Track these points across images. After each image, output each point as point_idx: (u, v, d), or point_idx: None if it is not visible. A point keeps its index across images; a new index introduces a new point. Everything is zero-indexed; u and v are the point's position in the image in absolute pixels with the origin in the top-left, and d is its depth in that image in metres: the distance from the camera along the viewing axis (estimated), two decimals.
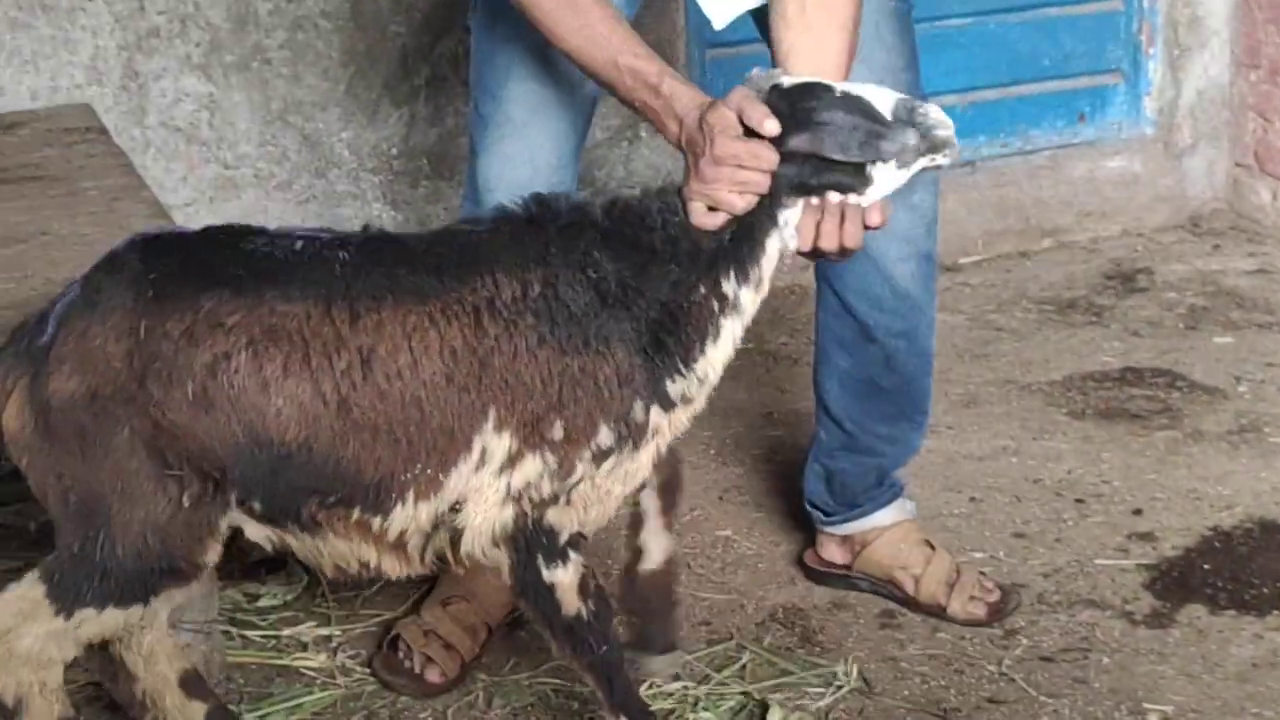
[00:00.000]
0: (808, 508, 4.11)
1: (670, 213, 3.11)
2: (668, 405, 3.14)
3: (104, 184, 4.20)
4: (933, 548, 4.02)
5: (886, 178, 3.08)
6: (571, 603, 3.19)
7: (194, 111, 5.17)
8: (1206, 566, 4.11)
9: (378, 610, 4.01)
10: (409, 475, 3.05)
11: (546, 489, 3.10)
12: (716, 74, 5.65)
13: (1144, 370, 5.16)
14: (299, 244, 3.05)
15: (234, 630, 3.92)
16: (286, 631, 3.95)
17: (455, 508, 3.10)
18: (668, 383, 3.12)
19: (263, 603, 4.06)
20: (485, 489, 3.08)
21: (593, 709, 3.48)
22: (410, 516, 3.09)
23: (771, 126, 3.03)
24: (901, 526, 4.05)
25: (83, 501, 3.02)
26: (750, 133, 3.05)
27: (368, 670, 3.82)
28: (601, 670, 3.26)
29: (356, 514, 3.08)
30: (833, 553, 4.09)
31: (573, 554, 3.18)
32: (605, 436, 3.10)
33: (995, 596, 3.96)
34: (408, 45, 5.32)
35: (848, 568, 4.07)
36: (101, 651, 3.31)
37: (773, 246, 3.12)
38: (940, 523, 4.32)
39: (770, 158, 3.05)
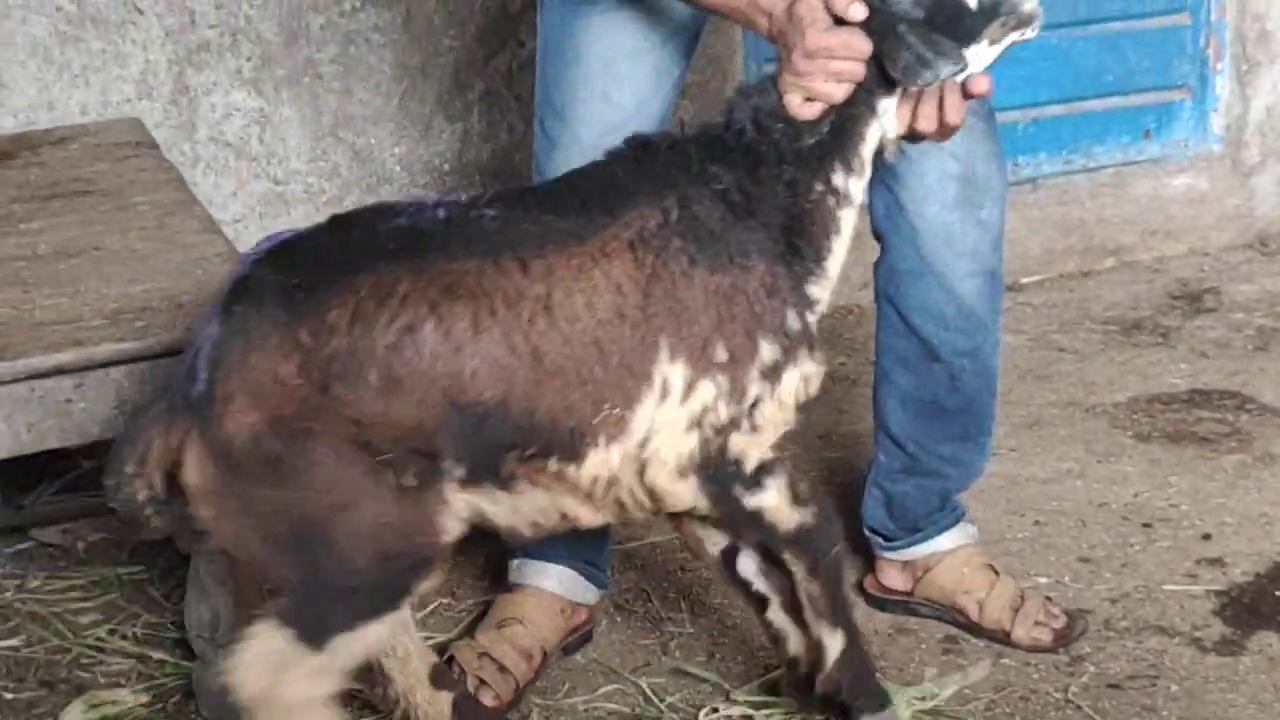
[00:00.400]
0: (866, 533, 4.01)
1: (770, 117, 3.09)
2: (811, 308, 3.16)
3: (155, 199, 4.17)
4: (996, 573, 3.93)
5: (980, 57, 3.12)
6: (787, 518, 3.21)
7: (244, 126, 5.12)
8: (1278, 593, 4.01)
9: (430, 633, 3.92)
10: (600, 417, 3.01)
11: (724, 413, 3.08)
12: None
13: (1212, 392, 5.05)
14: (441, 211, 3.01)
15: None
16: None
17: (642, 444, 3.06)
18: (807, 285, 3.15)
19: None
20: (669, 421, 3.05)
21: None
22: (604, 460, 3.04)
23: (857, 11, 3.04)
24: (964, 551, 3.95)
25: (297, 530, 2.92)
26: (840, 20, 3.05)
27: None
28: (826, 576, 3.28)
29: (554, 464, 3.02)
30: (893, 579, 4.00)
31: (769, 479, 3.18)
32: (768, 351, 3.09)
33: (1061, 622, 3.87)
34: (461, 60, 5.27)
35: (909, 593, 3.98)
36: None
37: (873, 134, 3.15)
38: (1004, 547, 4.23)
39: (863, 46, 3.05)
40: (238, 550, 3.03)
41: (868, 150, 3.16)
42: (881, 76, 3.09)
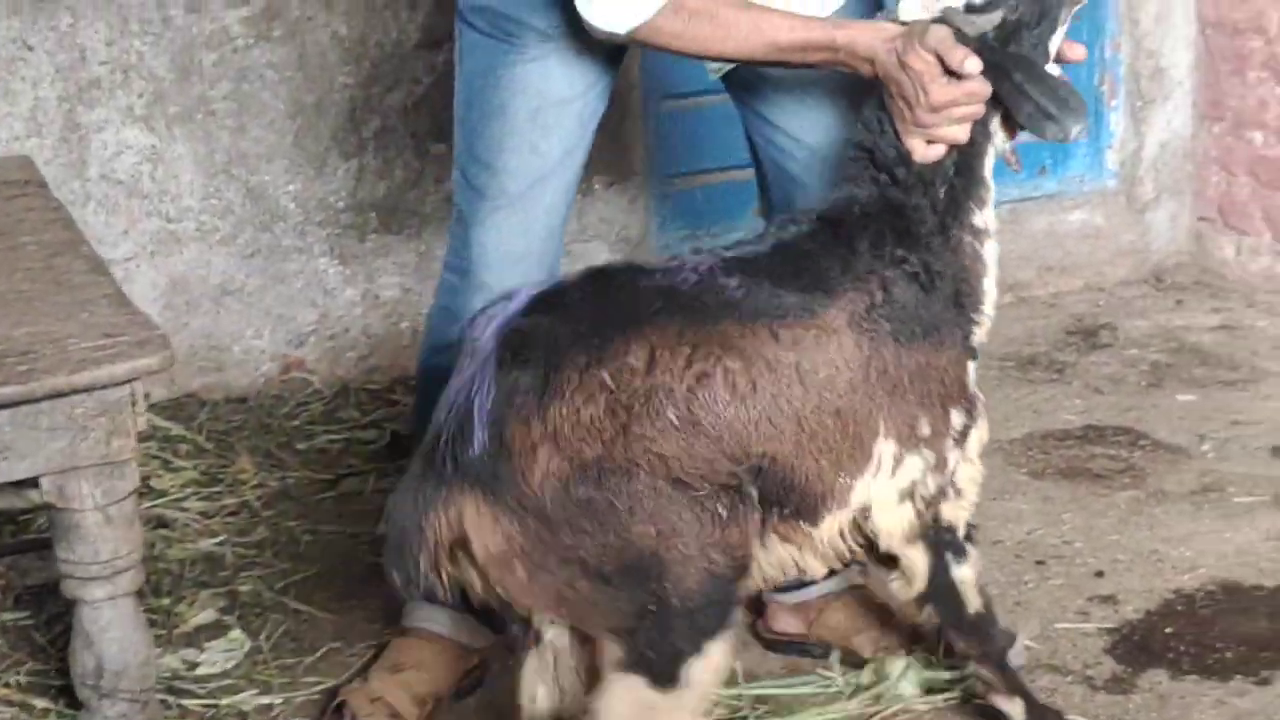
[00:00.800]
0: None
1: (918, 181, 3.20)
2: (975, 357, 3.28)
3: (42, 239, 4.09)
4: (890, 611, 3.91)
5: (1056, 43, 3.28)
6: (974, 599, 3.36)
7: (136, 164, 5.09)
8: (1169, 630, 4.01)
9: (320, 678, 3.90)
10: (836, 484, 3.12)
11: (932, 485, 3.21)
12: (671, 125, 5.59)
13: (1106, 428, 5.08)
14: (692, 275, 3.05)
15: (171, 699, 3.80)
16: (226, 701, 3.82)
17: (863, 515, 3.19)
18: (973, 337, 3.26)
19: (201, 670, 3.94)
20: (882, 495, 3.18)
21: None
22: (833, 523, 3.16)
23: (973, 66, 3.10)
24: (856, 591, 3.95)
25: (627, 569, 2.92)
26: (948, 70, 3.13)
27: None
28: (997, 659, 3.44)
29: (803, 524, 3.13)
30: (785, 623, 3.98)
31: (971, 549, 3.33)
32: (957, 420, 3.23)
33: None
34: (356, 97, 5.25)
35: (804, 636, 3.96)
36: None
37: (990, 159, 3.26)
38: None
39: (984, 92, 3.14)
40: (559, 607, 3.00)
41: (989, 175, 3.27)
42: (990, 101, 3.19)
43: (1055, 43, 3.27)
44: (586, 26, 3.35)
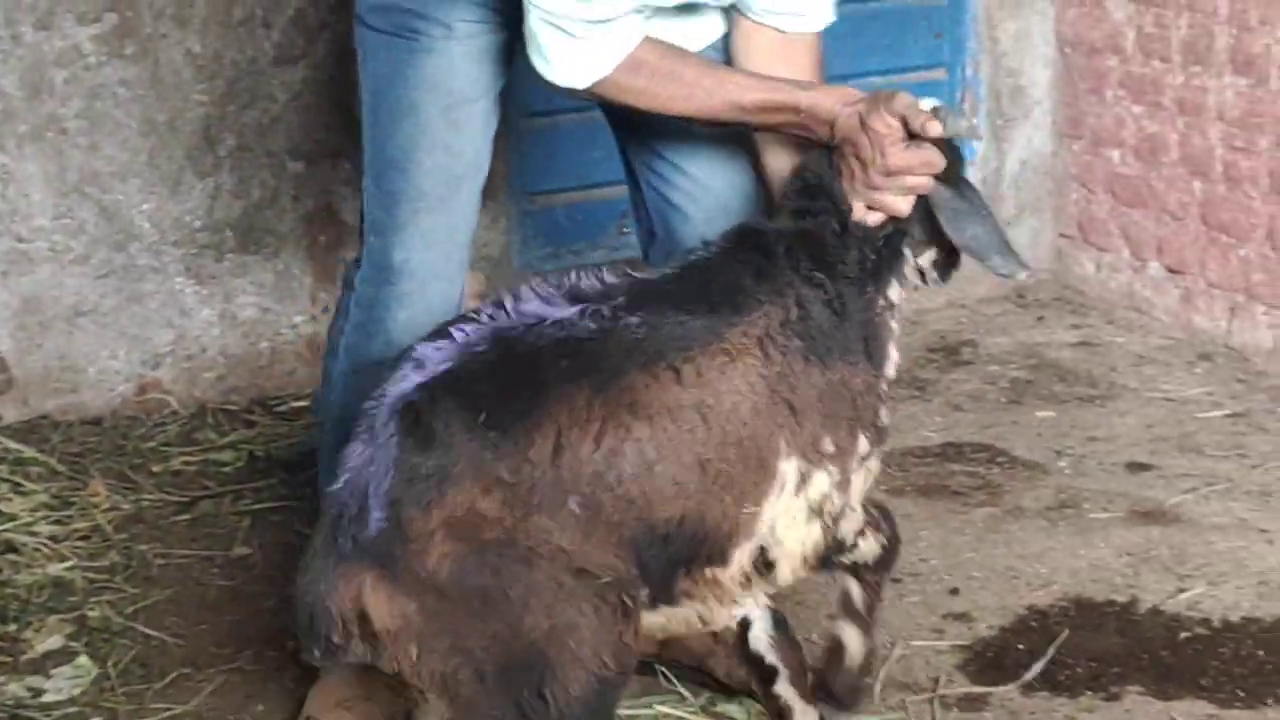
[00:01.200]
0: None
1: (851, 235, 3.23)
2: (888, 405, 3.28)
3: None
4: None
5: None
6: (871, 549, 3.33)
7: None
8: (1021, 646, 4.02)
9: (169, 704, 3.85)
10: (740, 517, 3.07)
11: (837, 501, 3.18)
12: (532, 142, 5.57)
13: (965, 445, 5.10)
14: (589, 322, 2.98)
15: None
16: None
17: (771, 540, 3.14)
18: (880, 385, 3.26)
19: (47, 698, 3.88)
20: (790, 511, 3.13)
21: None
22: (741, 559, 3.11)
23: (935, 130, 3.14)
24: None
25: (510, 661, 2.87)
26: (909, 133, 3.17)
27: None
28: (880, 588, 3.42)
29: (709, 570, 3.08)
30: (678, 650, 3.93)
31: (861, 540, 3.31)
32: (862, 445, 3.20)
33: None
34: (211, 115, 5.19)
35: (655, 656, 3.94)
36: None
37: (910, 252, 3.30)
38: None
39: (939, 162, 3.18)
40: (444, 694, 2.93)
41: (909, 267, 3.30)
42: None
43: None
44: (545, 85, 3.35)
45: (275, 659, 3.94)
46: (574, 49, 3.28)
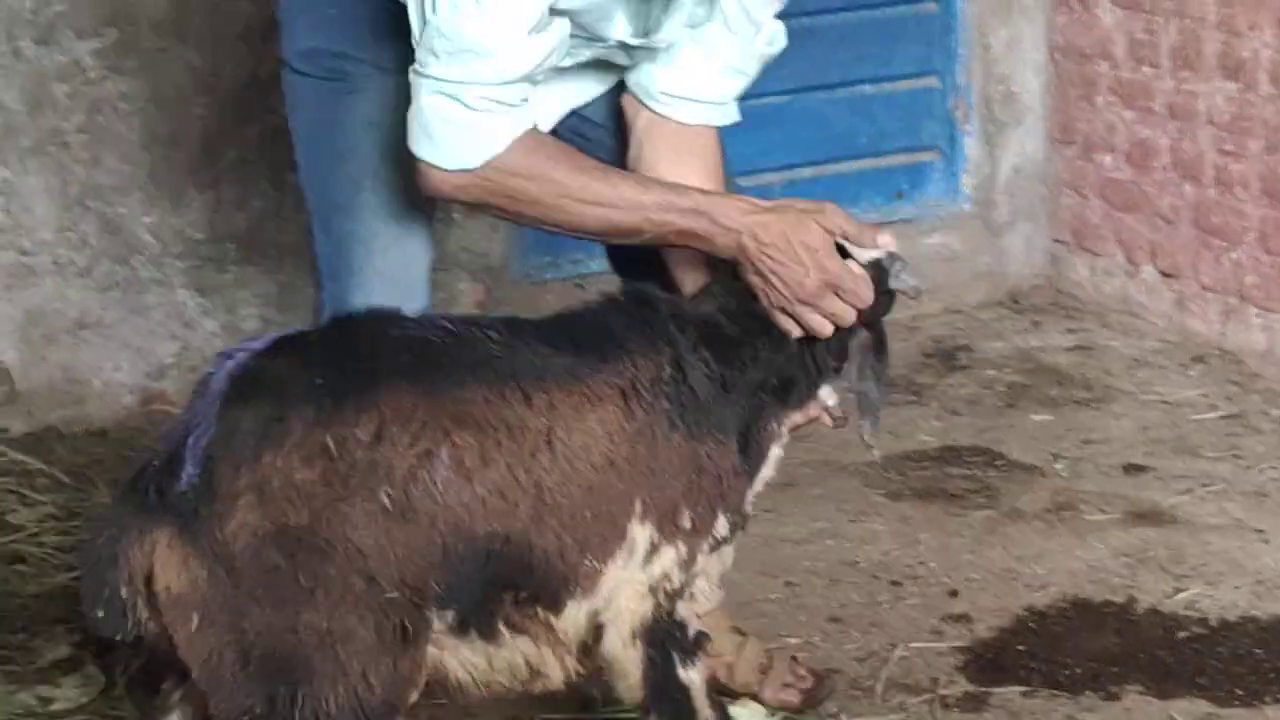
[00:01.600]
0: None
1: (760, 337, 3.16)
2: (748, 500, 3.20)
3: None
4: (743, 634, 3.92)
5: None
6: (704, 707, 3.14)
7: None
8: (1021, 647, 4.06)
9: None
10: (581, 566, 2.94)
11: (677, 580, 3.05)
12: None
13: (962, 449, 5.13)
14: (447, 323, 2.96)
15: None
16: None
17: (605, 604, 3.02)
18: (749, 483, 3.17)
19: (56, 707, 3.90)
20: (632, 581, 3.01)
21: None
22: (577, 612, 2.99)
23: (887, 241, 3.16)
24: (710, 616, 3.94)
25: (277, 652, 2.73)
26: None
27: None
28: None
29: (540, 610, 2.95)
30: None
31: (700, 653, 3.14)
32: (721, 526, 3.10)
33: (809, 683, 3.86)
34: (211, 128, 5.23)
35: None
36: None
37: (825, 390, 3.24)
38: (756, 608, 4.24)
39: (869, 297, 3.14)
40: (204, 670, 2.78)
41: (810, 399, 3.23)
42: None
43: None
44: (423, 186, 3.18)
45: None
46: (467, 125, 3.09)
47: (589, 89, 3.49)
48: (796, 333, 3.15)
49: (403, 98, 3.26)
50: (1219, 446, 5.10)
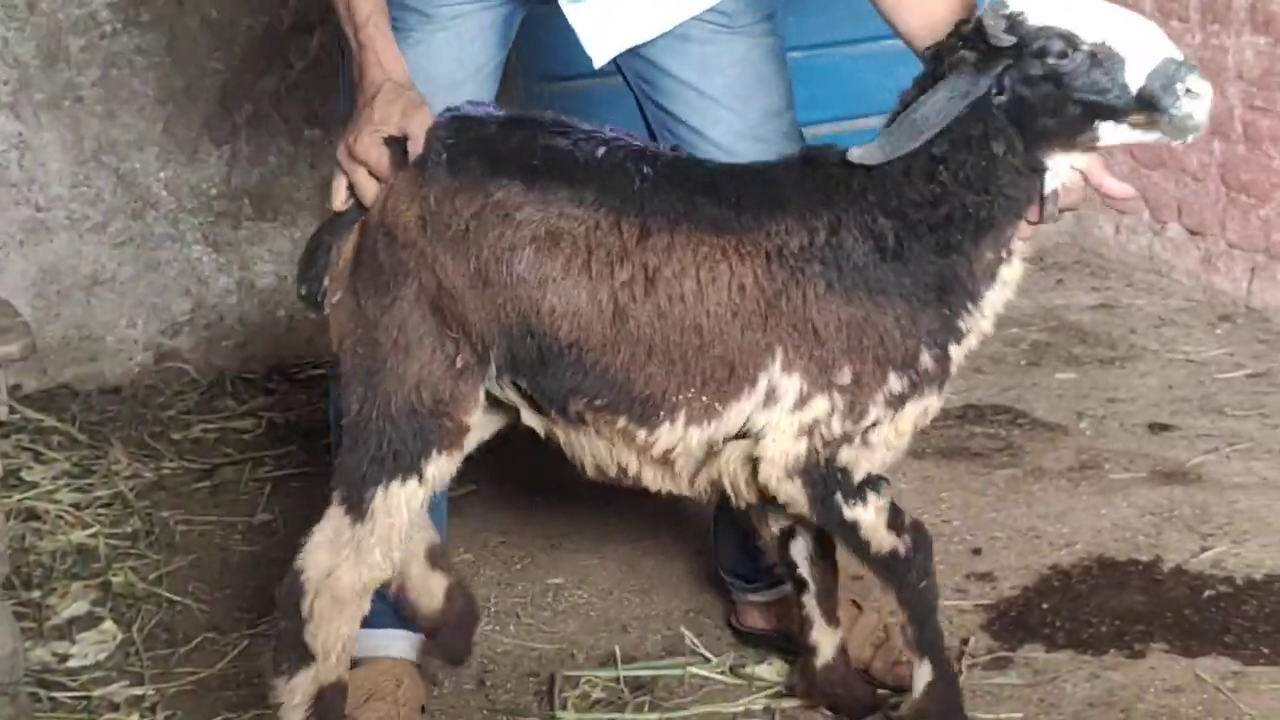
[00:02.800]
0: (725, 576, 3.93)
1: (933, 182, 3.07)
2: (955, 342, 3.16)
3: None
4: (859, 608, 3.83)
5: (1110, 134, 3.04)
6: (882, 539, 3.24)
7: (3, 152, 5.02)
8: (1045, 606, 4.02)
9: (194, 668, 3.86)
10: (680, 397, 3.11)
11: (837, 428, 3.13)
12: (549, 108, 5.53)
13: (985, 408, 5.09)
14: (601, 150, 3.10)
15: (42, 692, 3.75)
16: (98, 692, 3.78)
17: (744, 436, 3.14)
18: (960, 319, 3.14)
19: (73, 663, 3.89)
20: (779, 424, 3.11)
21: None
22: (679, 437, 3.14)
23: (414, 150, 3.11)
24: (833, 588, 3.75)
25: (363, 350, 3.12)
26: None
27: None
28: (915, 606, 3.30)
29: (623, 422, 3.15)
30: (755, 619, 3.91)
31: (872, 494, 3.21)
32: (895, 383, 3.12)
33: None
34: (228, 83, 5.19)
35: (774, 631, 3.88)
36: None
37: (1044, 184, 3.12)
38: None
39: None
40: (340, 350, 3.18)
41: (1043, 204, 3.13)
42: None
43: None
44: None
45: None
46: None
47: None
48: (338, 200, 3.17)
49: (455, 44, 3.44)
50: (1245, 405, 5.05)
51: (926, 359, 3.14)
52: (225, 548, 4.38)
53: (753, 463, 3.18)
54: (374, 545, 3.16)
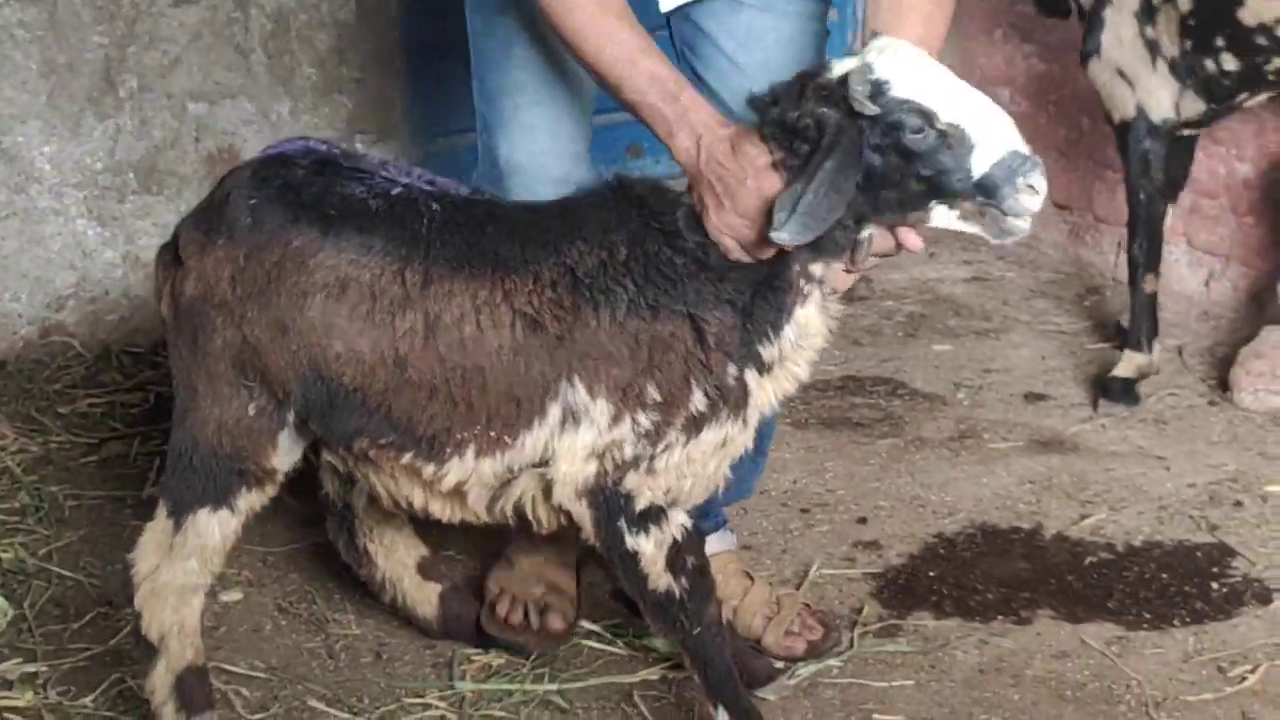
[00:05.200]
0: None
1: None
2: (757, 368, 3.18)
3: None
4: (751, 579, 3.88)
5: (940, 217, 3.07)
6: (658, 576, 3.25)
7: None
8: (932, 574, 4.11)
9: (88, 644, 3.86)
10: (466, 434, 3.18)
11: (629, 451, 3.16)
12: (429, 83, 5.57)
13: (865, 379, 5.18)
14: (397, 190, 3.21)
15: None
16: None
17: (545, 464, 3.19)
18: (759, 345, 3.16)
19: None
20: (573, 446, 3.16)
21: None
22: (470, 470, 3.22)
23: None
24: (721, 558, 3.83)
25: (184, 393, 3.28)
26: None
27: (81, 707, 3.65)
28: (695, 653, 3.31)
29: (408, 458, 3.23)
30: None
31: (654, 527, 3.23)
32: (699, 401, 3.15)
33: (817, 634, 3.82)
34: (111, 56, 5.15)
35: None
36: (349, 542, 3.76)
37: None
38: None
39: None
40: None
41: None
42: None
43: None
44: None
45: None
46: None
47: None
48: (743, 258, 3.11)
49: None
50: None
51: (731, 374, 3.15)
52: (116, 522, 4.36)
53: (547, 486, 3.23)
54: (189, 556, 3.33)
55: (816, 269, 3.16)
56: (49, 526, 4.34)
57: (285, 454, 3.31)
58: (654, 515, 3.23)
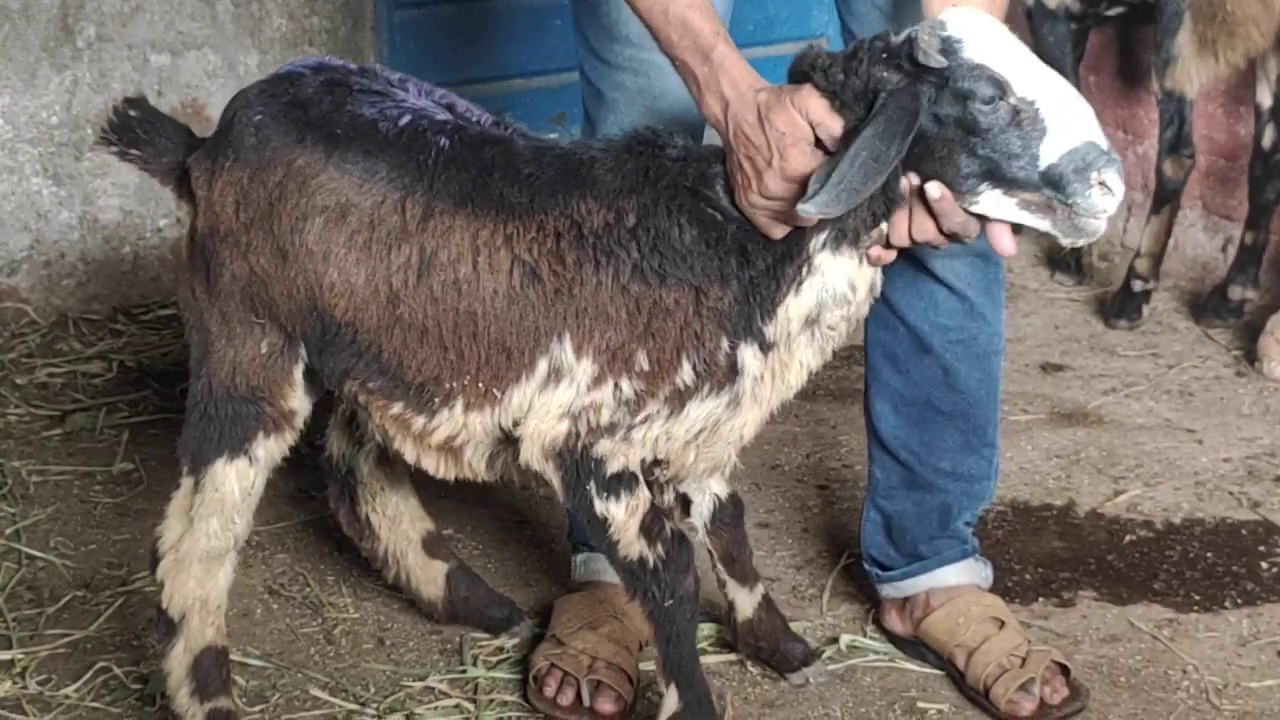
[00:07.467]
0: (866, 566, 3.64)
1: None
2: (756, 346, 2.99)
3: None
4: (1001, 625, 3.49)
5: (993, 204, 2.78)
6: (630, 543, 3.09)
7: None
8: None
9: (65, 629, 3.64)
10: (456, 384, 3.04)
11: (606, 417, 3.00)
12: (406, 36, 5.38)
13: None
14: (406, 119, 3.03)
15: None
16: None
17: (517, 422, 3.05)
18: (759, 322, 2.97)
19: None
20: (546, 405, 3.00)
21: None
22: (459, 424, 3.07)
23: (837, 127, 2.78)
24: (968, 596, 3.53)
25: (198, 340, 3.16)
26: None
27: (64, 697, 3.43)
28: (660, 623, 3.13)
29: (398, 409, 3.10)
30: (893, 622, 3.60)
31: (625, 492, 3.06)
32: (687, 374, 2.97)
33: (1058, 696, 3.39)
34: (68, 3, 4.92)
35: (913, 638, 3.58)
36: (351, 512, 3.56)
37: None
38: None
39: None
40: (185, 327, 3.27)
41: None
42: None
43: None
44: None
45: None
46: None
47: None
48: (777, 233, 2.89)
49: None
50: (1135, 345, 4.98)
51: (723, 348, 2.95)
52: (86, 499, 4.13)
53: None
54: (208, 515, 3.18)
55: (839, 251, 2.91)
56: (14, 504, 4.10)
57: (303, 394, 3.18)
58: (626, 480, 3.05)
